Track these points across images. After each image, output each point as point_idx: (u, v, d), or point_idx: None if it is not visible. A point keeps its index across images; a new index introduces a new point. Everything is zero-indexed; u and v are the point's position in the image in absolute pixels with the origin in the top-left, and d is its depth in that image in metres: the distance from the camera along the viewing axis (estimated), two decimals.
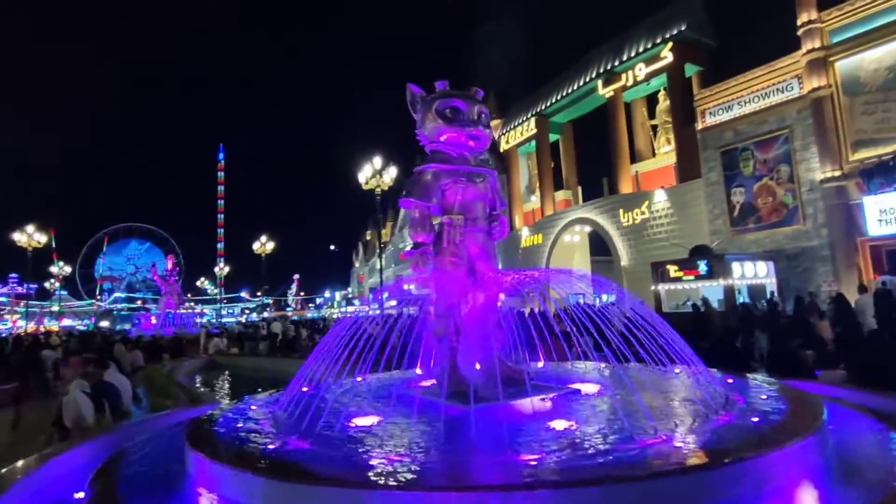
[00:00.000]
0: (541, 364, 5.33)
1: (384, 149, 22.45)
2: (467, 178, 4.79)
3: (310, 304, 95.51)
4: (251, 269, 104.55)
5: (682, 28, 23.38)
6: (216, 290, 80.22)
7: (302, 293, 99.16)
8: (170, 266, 40.89)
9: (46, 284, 72.50)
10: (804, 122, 19.08)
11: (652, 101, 27.21)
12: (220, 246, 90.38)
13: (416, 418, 3.83)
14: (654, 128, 26.84)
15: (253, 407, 4.86)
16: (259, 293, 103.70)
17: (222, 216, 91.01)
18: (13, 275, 76.80)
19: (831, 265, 18.18)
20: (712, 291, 17.77)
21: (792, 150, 19.45)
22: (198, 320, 51.74)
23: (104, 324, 61.50)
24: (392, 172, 21.49)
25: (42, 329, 50.32)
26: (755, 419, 3.24)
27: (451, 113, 4.79)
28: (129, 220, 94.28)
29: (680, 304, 18.61)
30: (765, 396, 4.03)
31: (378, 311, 5.47)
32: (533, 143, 33.73)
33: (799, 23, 18.93)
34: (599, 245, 30.51)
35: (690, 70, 23.90)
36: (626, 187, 26.04)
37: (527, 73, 44.12)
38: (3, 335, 34.26)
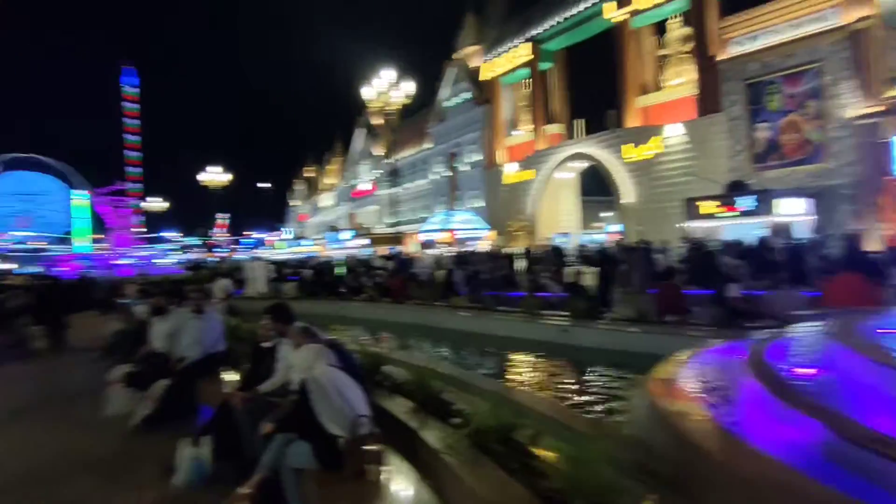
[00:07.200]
0: None
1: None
2: None
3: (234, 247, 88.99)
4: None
5: None
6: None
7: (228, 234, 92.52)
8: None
9: None
10: (838, 55, 18.55)
11: (659, 29, 25.80)
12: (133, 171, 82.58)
13: None
14: (662, 58, 25.58)
15: None
16: (180, 234, 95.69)
17: (135, 137, 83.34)
18: None
19: (853, 204, 18.20)
20: (743, 230, 17.06)
21: (822, 84, 19.00)
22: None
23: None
24: (410, 87, 18.63)
25: None
26: None
27: None
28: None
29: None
30: None
31: None
32: (518, 72, 31.61)
33: None
34: (592, 184, 29.70)
35: None
36: (632, 121, 24.92)
37: None
38: None
